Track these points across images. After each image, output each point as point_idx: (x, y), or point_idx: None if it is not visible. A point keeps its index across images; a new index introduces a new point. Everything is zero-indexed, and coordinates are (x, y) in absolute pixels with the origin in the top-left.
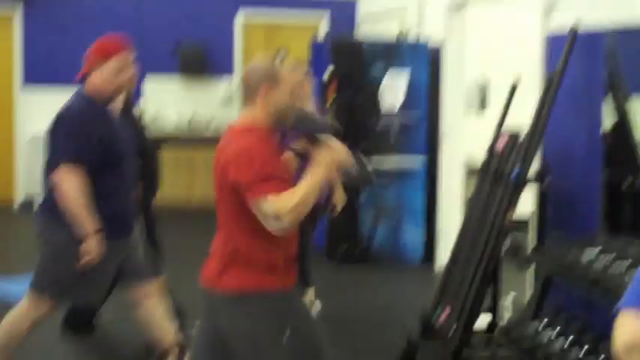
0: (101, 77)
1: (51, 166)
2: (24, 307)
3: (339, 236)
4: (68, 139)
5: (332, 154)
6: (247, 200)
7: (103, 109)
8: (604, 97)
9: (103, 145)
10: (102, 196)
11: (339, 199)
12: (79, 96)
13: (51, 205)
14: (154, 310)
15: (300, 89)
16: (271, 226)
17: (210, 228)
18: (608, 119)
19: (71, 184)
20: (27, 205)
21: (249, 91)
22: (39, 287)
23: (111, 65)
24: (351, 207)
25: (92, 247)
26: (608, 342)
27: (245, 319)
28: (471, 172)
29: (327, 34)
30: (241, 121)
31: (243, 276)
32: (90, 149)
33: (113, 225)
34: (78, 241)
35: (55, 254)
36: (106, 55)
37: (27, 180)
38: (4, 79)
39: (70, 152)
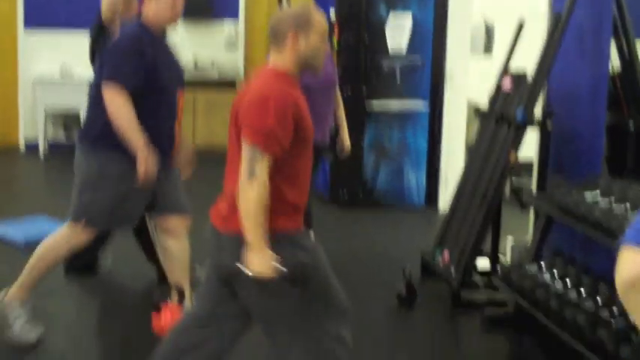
0: (155, 8)
1: (99, 89)
2: (62, 234)
3: (342, 179)
4: (118, 60)
5: (264, 264)
6: (242, 138)
7: (157, 36)
8: (611, 37)
9: (152, 68)
10: (142, 117)
11: (347, 139)
12: (135, 24)
13: (86, 133)
14: (174, 247)
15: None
16: (244, 173)
17: (213, 171)
18: (614, 61)
19: (120, 102)
20: (31, 147)
21: (279, 37)
22: (76, 215)
23: None
24: (353, 151)
25: (145, 159)
26: (607, 284)
27: None
28: (475, 114)
29: None
30: (270, 65)
31: None
32: (137, 75)
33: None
34: (112, 168)
35: (88, 182)
36: None
37: (30, 123)
38: (6, 23)
39: (119, 73)
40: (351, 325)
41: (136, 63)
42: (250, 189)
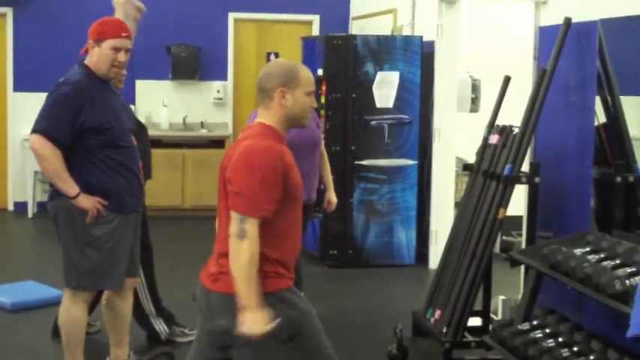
0: (98, 56)
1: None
2: (66, 306)
3: (332, 238)
4: (51, 114)
5: (258, 324)
6: (230, 204)
7: (101, 80)
8: (597, 91)
9: (103, 114)
10: (109, 168)
11: (333, 196)
12: (81, 68)
13: (51, 196)
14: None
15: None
16: (234, 234)
17: (202, 230)
18: (600, 114)
19: (47, 151)
20: (20, 208)
21: (265, 95)
22: (72, 283)
23: (107, 45)
24: (342, 210)
25: (84, 203)
26: (599, 341)
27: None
28: (463, 170)
29: (320, 32)
30: (257, 122)
31: None
32: (69, 131)
33: (122, 199)
34: (88, 225)
35: (72, 245)
36: (101, 37)
37: (19, 183)
38: None
39: (48, 128)
40: None
41: (67, 119)
42: (241, 249)
